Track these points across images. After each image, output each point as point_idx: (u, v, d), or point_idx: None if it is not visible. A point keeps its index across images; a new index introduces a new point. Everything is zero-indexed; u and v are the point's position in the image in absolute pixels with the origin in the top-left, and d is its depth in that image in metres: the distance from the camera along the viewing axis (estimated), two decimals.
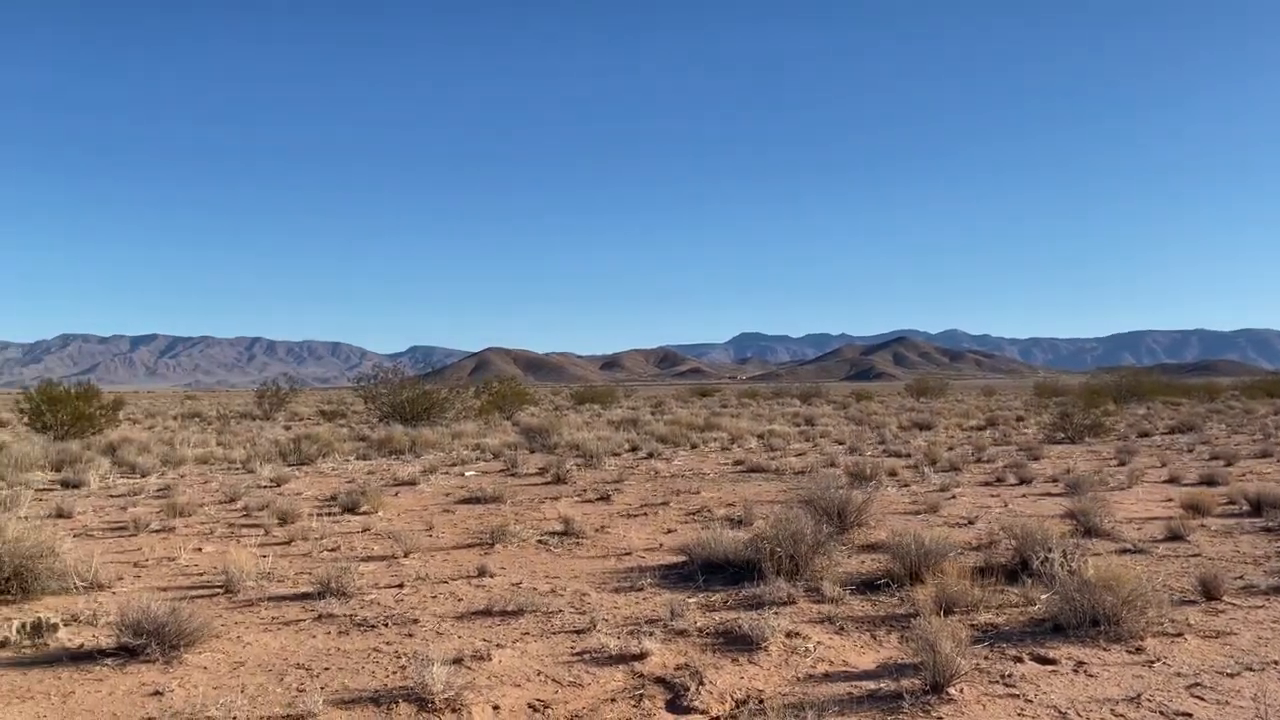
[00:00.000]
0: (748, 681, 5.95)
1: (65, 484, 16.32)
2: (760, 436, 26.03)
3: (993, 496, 14.19)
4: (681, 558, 9.54)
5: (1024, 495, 14.39)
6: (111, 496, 15.03)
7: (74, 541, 9.41)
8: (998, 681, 5.87)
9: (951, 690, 5.61)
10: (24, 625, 6.79)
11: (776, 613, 7.32)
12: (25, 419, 30.19)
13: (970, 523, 11.71)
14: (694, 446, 23.50)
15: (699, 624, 7.20)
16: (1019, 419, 35.19)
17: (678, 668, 6.19)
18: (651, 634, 6.84)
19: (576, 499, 14.38)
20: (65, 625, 6.97)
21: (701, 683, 5.87)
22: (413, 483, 16.48)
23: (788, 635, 6.82)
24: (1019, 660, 6.26)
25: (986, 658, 6.31)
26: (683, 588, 8.43)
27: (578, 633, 7.03)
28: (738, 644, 6.68)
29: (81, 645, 6.66)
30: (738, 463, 19.46)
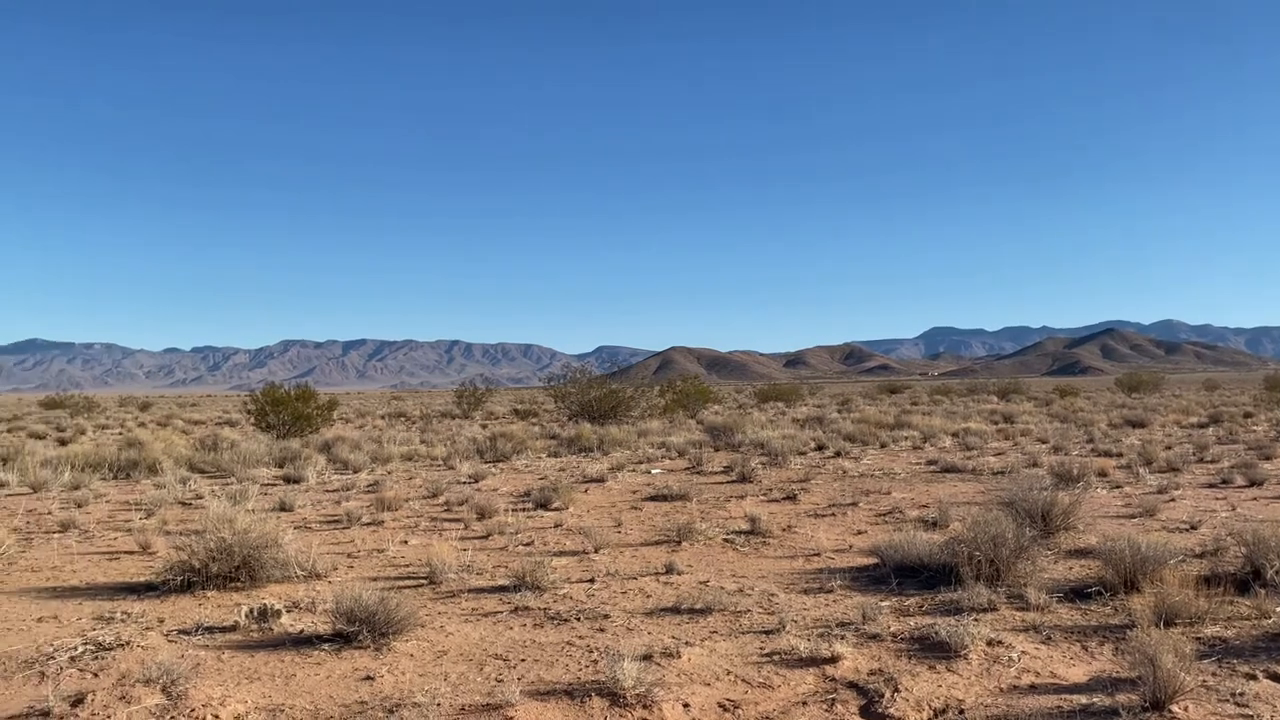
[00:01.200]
0: (946, 690, 5.71)
1: (287, 479, 17.64)
2: (955, 435, 25.04)
3: (1218, 499, 13.07)
4: (872, 560, 9.28)
5: (1254, 498, 13.17)
6: (327, 491, 16.11)
7: (294, 533, 10.13)
8: (1228, 700, 5.38)
9: (1174, 708, 5.18)
10: (252, 610, 7.37)
11: (976, 619, 6.99)
12: (252, 419, 32.91)
13: (1192, 528, 10.82)
14: (883, 445, 22.87)
15: (893, 629, 6.97)
16: (1247, 415, 32.27)
17: (871, 673, 6.01)
18: (843, 637, 6.68)
19: (762, 498, 14.27)
20: (287, 611, 7.51)
21: (896, 690, 5.67)
22: (601, 480, 16.82)
23: (989, 643, 6.49)
24: (1252, 678, 5.71)
25: (1214, 674, 5.79)
26: (874, 591, 8.19)
27: (766, 633, 6.96)
28: (934, 651, 6.42)
29: (302, 630, 7.15)
30: (931, 462, 18.79)
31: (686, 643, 6.68)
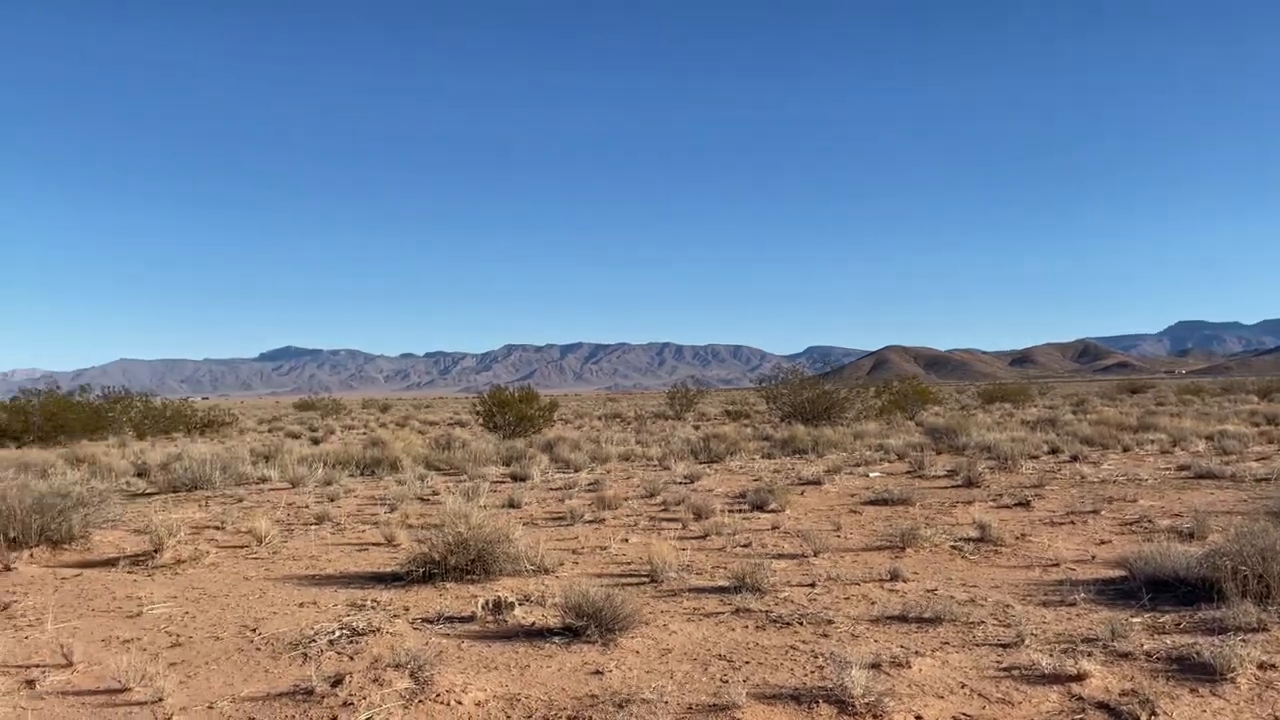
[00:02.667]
0: (1211, 717, 5.21)
1: (514, 477, 18.46)
2: (1209, 438, 22.88)
3: None
4: (1119, 572, 8.61)
5: None
6: (551, 489, 16.72)
7: (523, 529, 10.58)
8: None
9: None
10: (487, 602, 7.74)
11: (1244, 640, 6.31)
12: (480, 420, 34.74)
13: None
14: (1126, 449, 21.22)
15: (1146, 647, 6.43)
16: None
17: (1123, 694, 5.56)
18: (1089, 654, 6.21)
19: (991, 504, 13.56)
20: (520, 604, 7.82)
21: (1154, 713, 5.23)
22: (817, 482, 16.54)
23: (1260, 667, 5.87)
24: None
25: None
26: (1123, 605, 7.59)
27: (1003, 646, 6.58)
28: (1195, 673, 5.86)
29: (533, 623, 7.43)
30: (1181, 468, 17.25)
31: (916, 652, 6.43)
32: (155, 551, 10.68)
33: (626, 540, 11.32)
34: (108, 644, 7.26)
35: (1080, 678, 5.78)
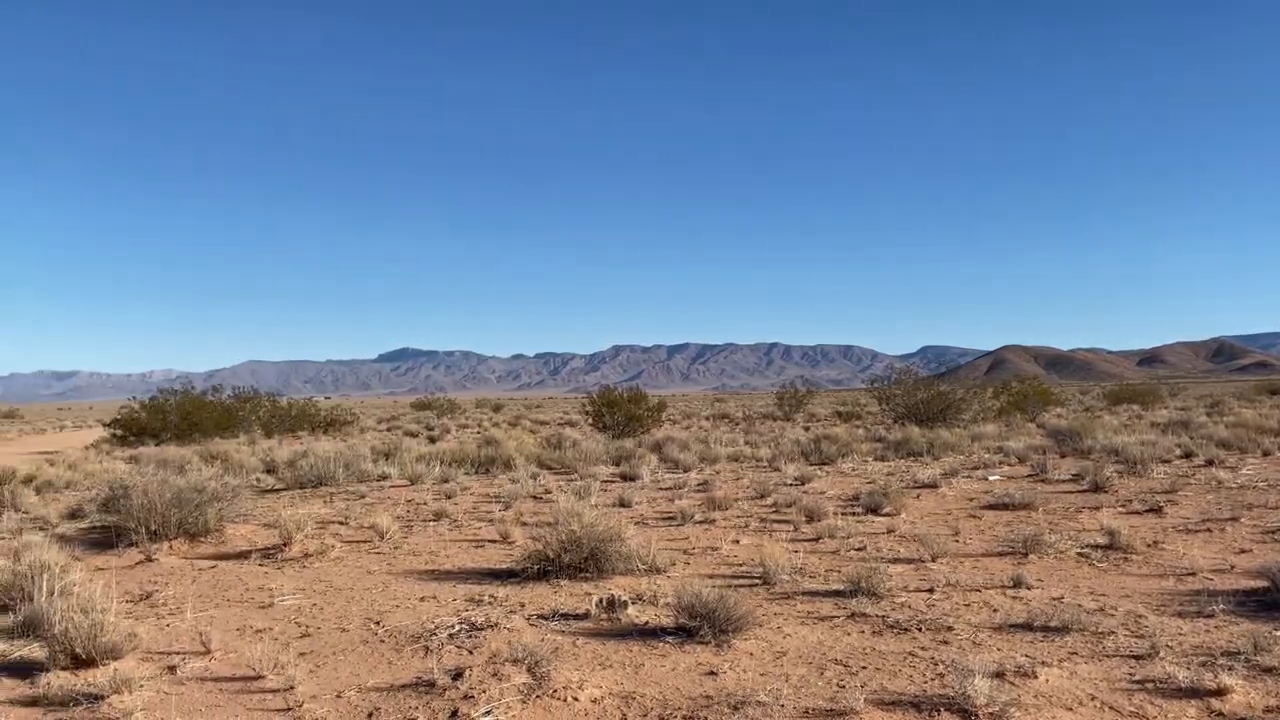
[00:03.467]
0: None
1: (623, 476, 18.59)
2: None
3: None
4: (1261, 583, 8.13)
5: None
6: (660, 489, 16.77)
7: (634, 528, 10.64)
8: None
9: None
10: (601, 600, 7.82)
11: None
12: (590, 420, 35.13)
13: None
14: (1266, 453, 20.04)
15: None
16: None
17: (1267, 710, 5.26)
18: (1230, 668, 5.89)
19: (1120, 509, 12.98)
20: (632, 603, 7.88)
21: None
22: (933, 485, 16.15)
23: None
24: None
25: None
26: (1265, 618, 7.18)
27: (1135, 658, 6.30)
28: None
29: (646, 622, 7.47)
30: None
31: (1042, 662, 6.20)
32: (284, 545, 11.16)
33: (738, 541, 11.27)
34: (242, 633, 7.62)
35: (1220, 693, 5.49)
